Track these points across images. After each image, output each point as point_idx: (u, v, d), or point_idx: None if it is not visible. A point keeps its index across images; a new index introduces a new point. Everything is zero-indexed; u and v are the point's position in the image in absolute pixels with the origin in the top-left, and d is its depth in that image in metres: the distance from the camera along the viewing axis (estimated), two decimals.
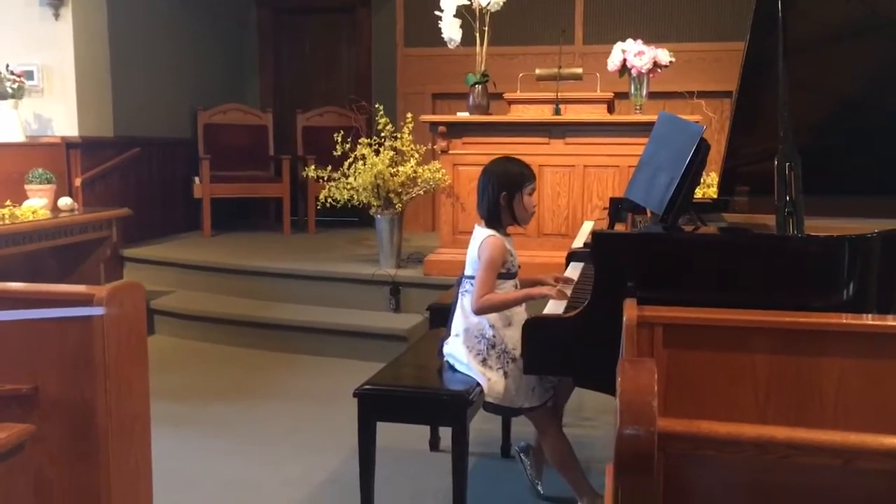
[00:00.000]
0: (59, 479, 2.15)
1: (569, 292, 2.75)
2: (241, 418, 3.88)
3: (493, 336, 2.73)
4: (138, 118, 6.41)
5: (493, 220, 2.78)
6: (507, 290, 2.75)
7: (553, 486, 3.02)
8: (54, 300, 2.15)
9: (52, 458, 2.14)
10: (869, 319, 1.87)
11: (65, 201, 4.95)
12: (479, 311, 2.70)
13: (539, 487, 3.07)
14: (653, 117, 3.01)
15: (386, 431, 2.75)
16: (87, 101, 5.75)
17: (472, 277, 2.76)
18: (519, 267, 2.83)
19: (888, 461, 1.10)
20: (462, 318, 2.80)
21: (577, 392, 3.75)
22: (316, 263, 5.43)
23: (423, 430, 3.45)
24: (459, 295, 2.84)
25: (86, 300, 2.12)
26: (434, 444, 3.48)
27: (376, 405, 2.66)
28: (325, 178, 5.11)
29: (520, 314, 2.75)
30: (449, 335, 2.87)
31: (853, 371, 1.80)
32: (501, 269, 2.73)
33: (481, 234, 2.77)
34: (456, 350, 2.80)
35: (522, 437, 3.23)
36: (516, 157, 2.91)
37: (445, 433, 3.25)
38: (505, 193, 2.75)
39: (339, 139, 4.98)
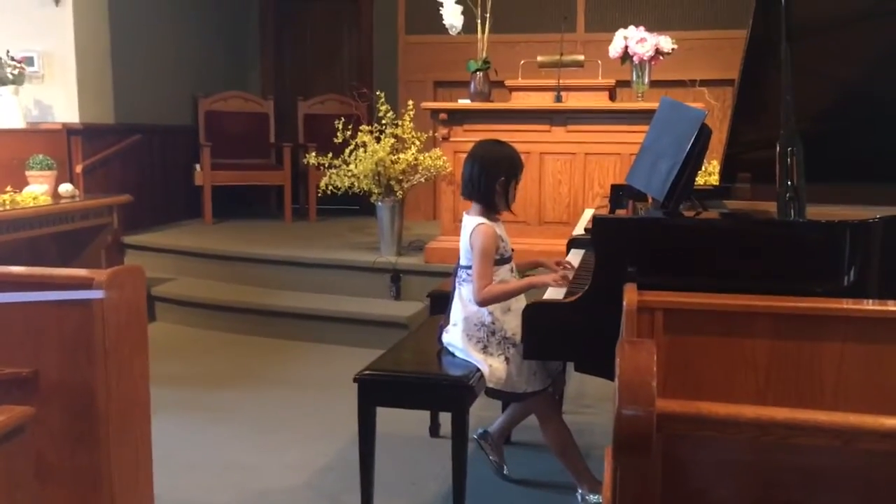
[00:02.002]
0: (59, 463, 2.15)
1: (570, 276, 2.74)
2: (241, 405, 3.89)
3: (493, 323, 2.73)
4: (139, 105, 6.40)
5: (488, 205, 2.76)
6: (502, 275, 2.75)
7: (551, 473, 3.02)
8: (54, 284, 2.14)
9: (53, 442, 2.14)
10: (869, 304, 1.86)
11: (65, 188, 4.95)
12: (483, 302, 2.70)
13: (505, 470, 3.08)
14: (654, 105, 3.00)
15: (386, 418, 2.75)
16: (87, 87, 5.74)
17: (466, 267, 2.76)
18: (513, 251, 2.83)
19: (887, 442, 1.10)
20: (460, 307, 2.80)
21: (577, 379, 3.77)
22: (317, 251, 5.43)
23: (424, 417, 3.45)
24: (456, 285, 2.83)
25: (86, 284, 2.11)
26: (434, 431, 3.48)
27: (376, 390, 2.66)
28: (326, 166, 5.10)
29: (518, 300, 2.75)
30: (448, 324, 2.87)
31: (853, 356, 1.79)
32: (495, 256, 2.72)
33: (471, 223, 2.75)
34: (455, 339, 2.80)
35: (485, 422, 3.23)
36: (512, 143, 2.88)
37: (445, 419, 3.25)
38: (504, 179, 2.73)
39: (340, 126, 4.97)
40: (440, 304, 3.19)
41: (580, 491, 2.84)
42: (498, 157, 2.76)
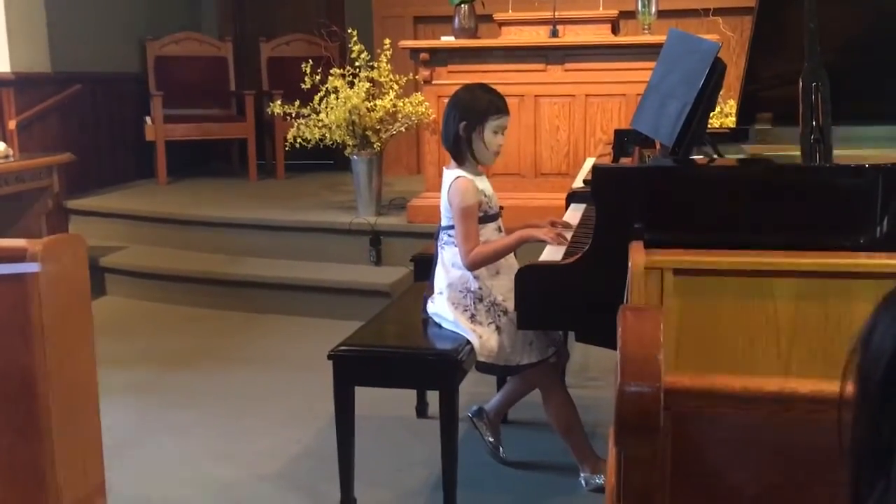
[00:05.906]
0: None
1: (568, 236, 2.73)
2: (204, 387, 3.89)
3: (480, 288, 2.73)
4: (80, 51, 6.30)
5: (457, 155, 2.77)
6: (488, 235, 2.76)
7: (552, 454, 3.03)
8: None
9: None
10: None
11: None
12: (472, 266, 2.71)
13: (501, 452, 3.09)
14: (663, 38, 2.97)
15: (368, 398, 2.75)
16: (18, 31, 5.64)
17: (447, 228, 2.76)
18: (501, 208, 2.83)
19: None
20: (444, 272, 2.80)
21: (580, 350, 3.78)
22: (286, 212, 5.41)
23: (409, 396, 3.46)
24: (438, 248, 2.83)
25: (19, 255, 2.09)
26: (421, 411, 3.49)
27: (354, 368, 2.67)
28: (294, 115, 5.06)
29: (508, 260, 2.76)
30: (432, 293, 2.86)
31: None
32: (479, 213, 2.71)
33: (449, 176, 2.76)
34: (441, 309, 2.80)
35: (477, 400, 3.23)
36: (503, 84, 2.86)
37: (433, 398, 3.26)
38: (465, 123, 2.72)
39: (309, 70, 4.92)
40: (425, 268, 3.18)
41: (583, 474, 2.85)
42: (465, 99, 2.76)
